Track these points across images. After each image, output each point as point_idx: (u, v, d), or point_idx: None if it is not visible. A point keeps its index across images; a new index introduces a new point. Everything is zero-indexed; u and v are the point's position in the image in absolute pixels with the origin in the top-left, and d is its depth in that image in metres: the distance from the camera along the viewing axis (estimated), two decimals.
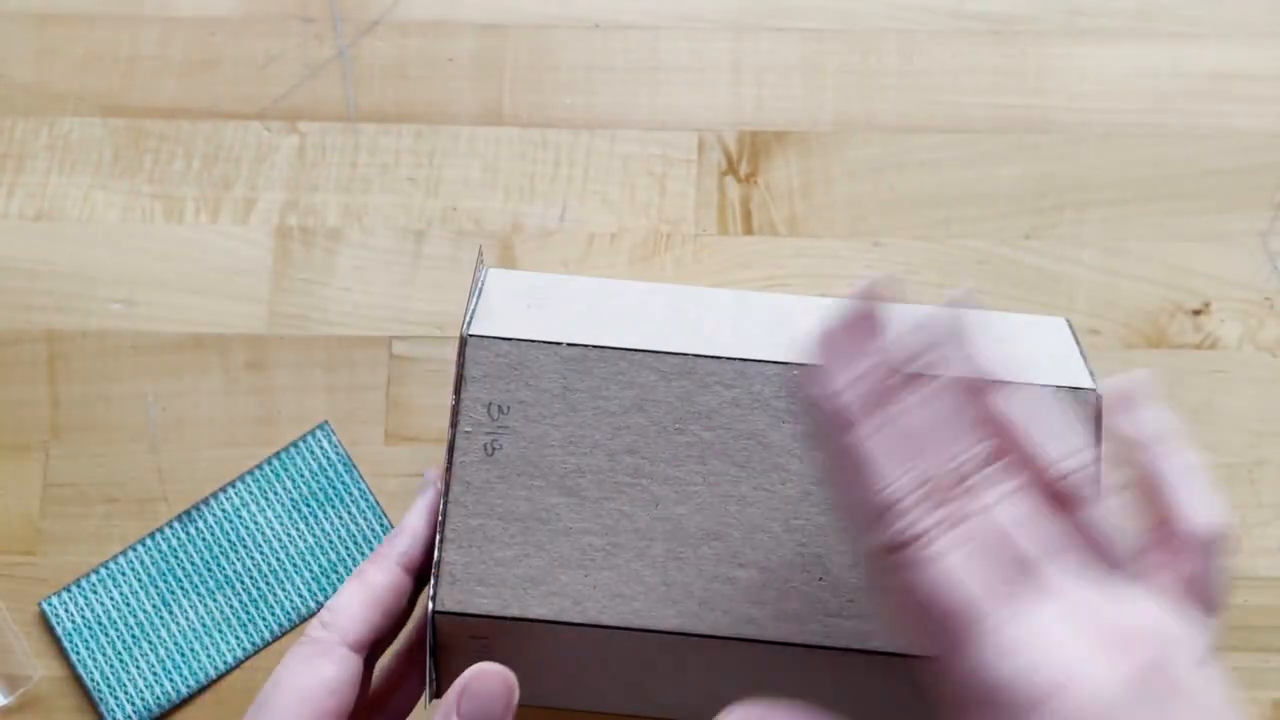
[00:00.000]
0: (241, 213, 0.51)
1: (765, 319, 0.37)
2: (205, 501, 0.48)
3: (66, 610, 0.47)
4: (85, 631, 0.47)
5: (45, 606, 0.47)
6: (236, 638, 0.47)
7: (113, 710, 0.46)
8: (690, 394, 0.34)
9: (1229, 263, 0.50)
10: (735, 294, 0.39)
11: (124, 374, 0.49)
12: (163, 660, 0.46)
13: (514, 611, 0.33)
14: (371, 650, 0.33)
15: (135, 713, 0.46)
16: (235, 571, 0.47)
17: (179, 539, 0.48)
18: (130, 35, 0.53)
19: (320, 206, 0.51)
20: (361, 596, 0.33)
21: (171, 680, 0.46)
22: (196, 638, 0.47)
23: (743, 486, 0.33)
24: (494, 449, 0.34)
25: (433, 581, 0.33)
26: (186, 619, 0.47)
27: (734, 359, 0.34)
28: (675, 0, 0.53)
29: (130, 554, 0.47)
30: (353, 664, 0.32)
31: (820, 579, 0.32)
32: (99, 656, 0.46)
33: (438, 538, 0.34)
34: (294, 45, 0.53)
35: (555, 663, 0.34)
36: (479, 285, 0.38)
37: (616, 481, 0.34)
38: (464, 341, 0.35)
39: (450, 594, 0.33)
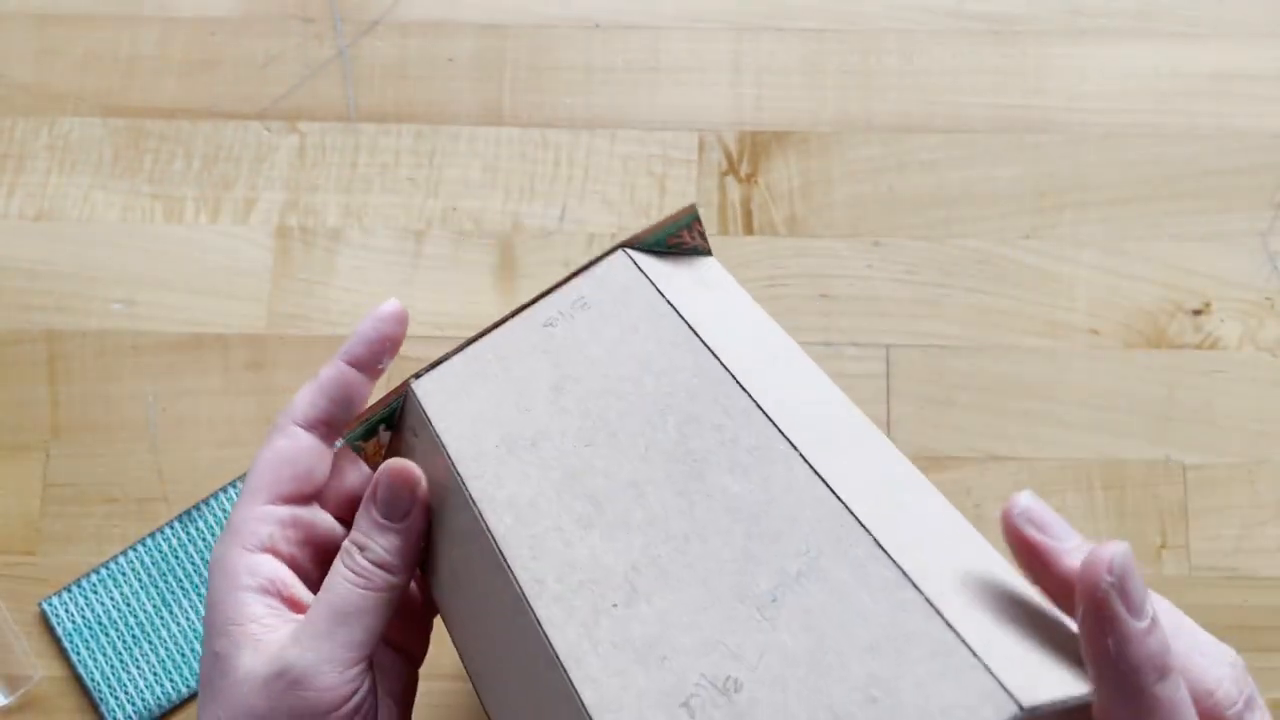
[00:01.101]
0: (241, 213, 0.51)
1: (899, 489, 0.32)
2: (205, 501, 0.48)
3: (66, 610, 0.47)
4: (85, 631, 0.47)
5: (45, 606, 0.47)
6: None
7: (113, 710, 0.46)
8: (763, 462, 0.31)
9: (1229, 263, 0.50)
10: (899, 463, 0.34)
11: (124, 374, 0.49)
12: (163, 660, 0.46)
13: (451, 442, 0.33)
14: (326, 428, 0.37)
15: (135, 713, 0.46)
16: None
17: (179, 539, 0.48)
18: (130, 35, 0.53)
19: (320, 206, 0.51)
20: (309, 386, 0.37)
21: (171, 680, 0.46)
22: (197, 637, 0.47)
23: (698, 544, 0.30)
24: (551, 324, 0.35)
25: (430, 366, 0.35)
26: (186, 619, 0.47)
27: (822, 480, 0.30)
28: (675, 0, 0.53)
29: (130, 554, 0.47)
30: (303, 437, 0.36)
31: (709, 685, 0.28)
32: (99, 656, 0.46)
33: (459, 349, 0.35)
34: (294, 45, 0.53)
35: (446, 536, 0.34)
36: (678, 227, 0.37)
37: (610, 436, 0.33)
38: (617, 247, 0.36)
39: (430, 386, 0.35)
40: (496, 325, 0.35)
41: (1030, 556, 0.28)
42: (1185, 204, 0.51)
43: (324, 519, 0.36)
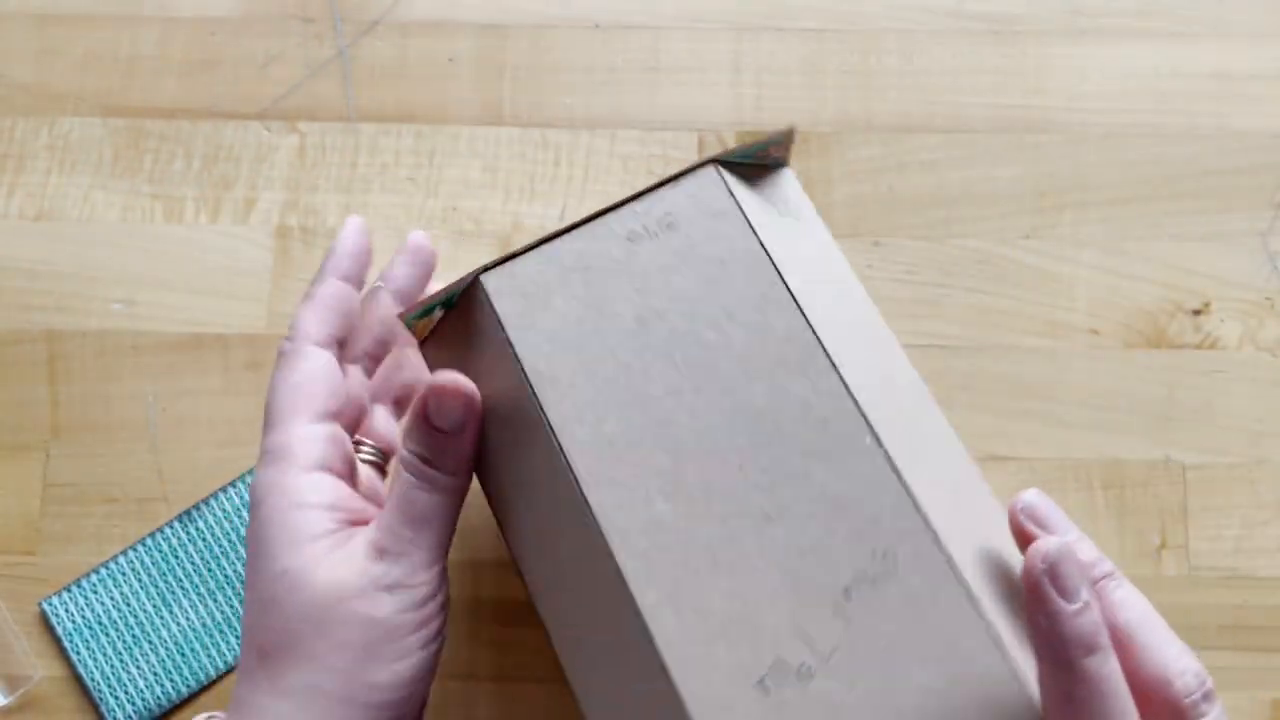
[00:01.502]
0: (241, 213, 0.51)
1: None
2: (205, 501, 0.48)
3: (67, 610, 0.47)
4: (85, 631, 0.47)
5: (45, 606, 0.47)
6: (237, 637, 0.47)
7: (113, 710, 0.46)
8: (822, 420, 0.31)
9: (1229, 263, 0.50)
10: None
11: (124, 374, 0.49)
12: (163, 660, 0.46)
13: (527, 357, 0.32)
14: (338, 346, 0.37)
15: (135, 713, 0.46)
16: (235, 571, 0.47)
17: (179, 539, 0.48)
18: (130, 35, 0.53)
19: (320, 206, 0.51)
20: (310, 306, 0.37)
21: (171, 680, 0.46)
22: (196, 638, 0.47)
23: (771, 524, 0.31)
24: (635, 239, 0.34)
25: (500, 260, 0.33)
26: (186, 619, 0.47)
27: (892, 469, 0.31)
28: (675, 0, 0.53)
29: (130, 554, 0.47)
30: (322, 356, 0.36)
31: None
32: (99, 656, 0.46)
33: (532, 247, 0.33)
34: (294, 45, 0.53)
35: (501, 443, 0.34)
36: (770, 143, 0.36)
37: (695, 391, 0.32)
38: (706, 161, 0.34)
39: (502, 284, 0.33)
40: (573, 227, 0.34)
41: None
42: (1185, 204, 0.51)
43: (345, 436, 0.37)
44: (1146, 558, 0.48)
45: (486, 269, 0.34)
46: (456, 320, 0.35)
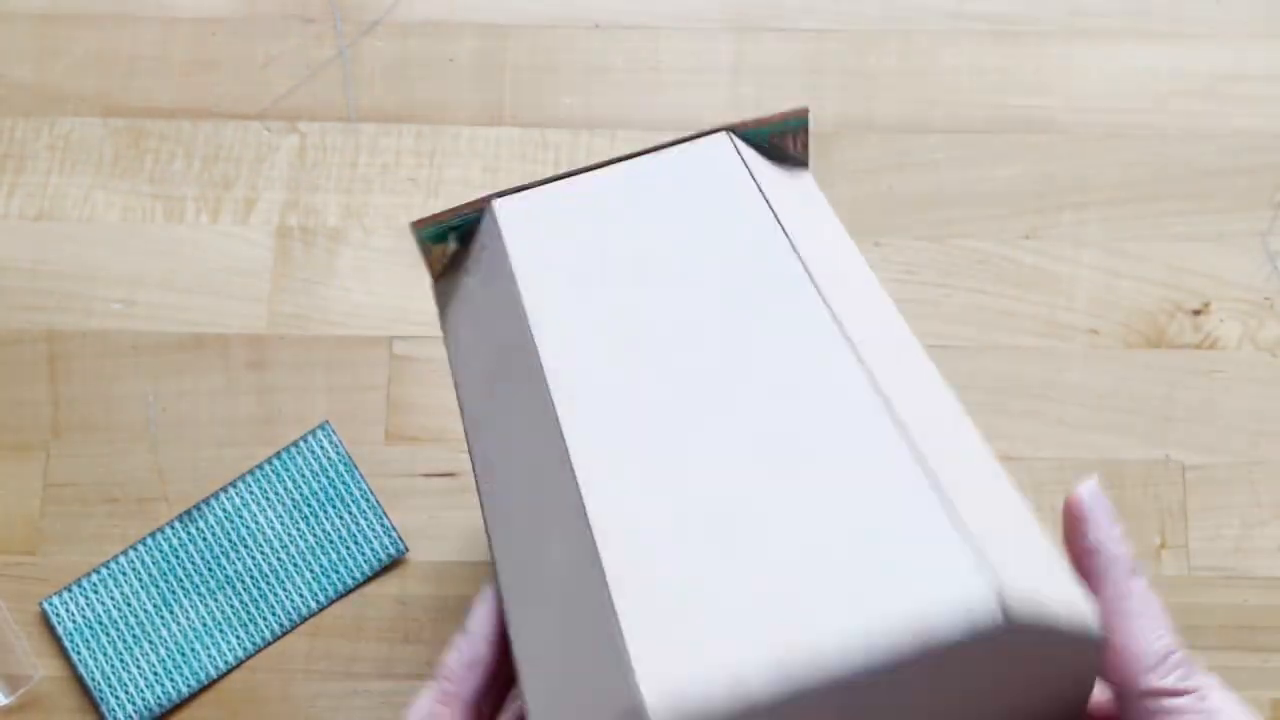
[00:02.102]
0: (241, 213, 0.51)
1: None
2: (205, 501, 0.48)
3: (67, 610, 0.47)
4: (86, 631, 0.47)
5: (46, 606, 0.47)
6: (237, 637, 0.47)
7: (113, 710, 0.46)
8: None
9: (1229, 263, 0.50)
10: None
11: (124, 374, 0.49)
12: (163, 660, 0.46)
13: (527, 297, 0.32)
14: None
15: (135, 712, 0.46)
16: (235, 571, 0.47)
17: (179, 539, 0.48)
18: (130, 35, 0.53)
19: (320, 206, 0.51)
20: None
21: (172, 680, 0.46)
22: (197, 638, 0.47)
23: None
24: (646, 189, 0.34)
25: (512, 190, 0.34)
26: (187, 619, 0.47)
27: None
28: (675, 0, 0.53)
29: (131, 554, 0.47)
30: None
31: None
32: (99, 656, 0.47)
33: (544, 181, 0.35)
34: (294, 45, 0.53)
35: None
36: (785, 128, 0.36)
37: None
38: (720, 129, 0.35)
39: (512, 209, 0.34)
40: (584, 170, 0.35)
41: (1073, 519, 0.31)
42: (1185, 204, 0.51)
43: None
44: (1146, 558, 0.48)
45: (499, 195, 0.35)
46: (468, 254, 0.36)
